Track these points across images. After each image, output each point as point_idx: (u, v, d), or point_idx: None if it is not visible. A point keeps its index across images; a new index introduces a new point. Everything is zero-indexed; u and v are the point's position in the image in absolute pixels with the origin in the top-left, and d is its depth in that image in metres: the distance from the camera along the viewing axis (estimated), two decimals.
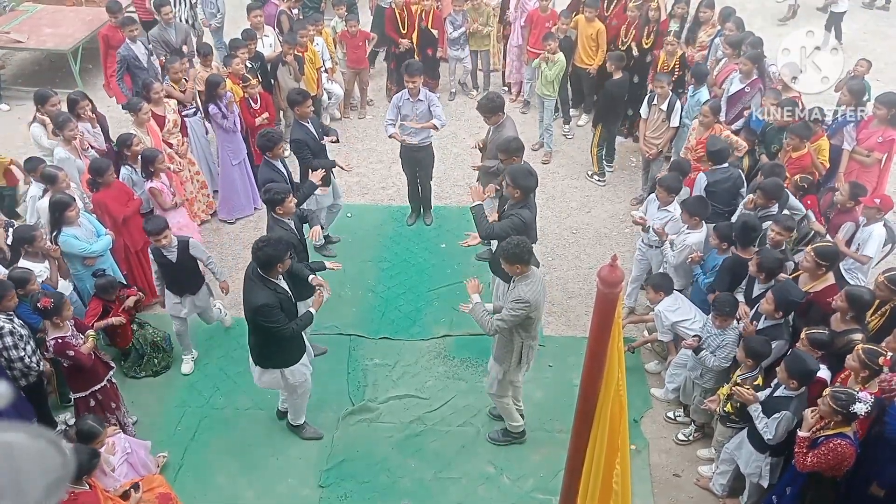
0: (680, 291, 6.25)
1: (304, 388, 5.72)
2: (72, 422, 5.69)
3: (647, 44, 9.07)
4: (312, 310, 5.42)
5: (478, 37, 10.21)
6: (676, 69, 8.39)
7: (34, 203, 6.54)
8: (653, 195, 6.72)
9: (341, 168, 7.37)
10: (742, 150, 7.14)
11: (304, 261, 6.00)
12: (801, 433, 4.52)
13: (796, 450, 4.52)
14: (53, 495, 0.57)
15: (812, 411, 4.52)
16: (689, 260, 6.07)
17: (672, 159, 7.60)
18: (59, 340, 5.23)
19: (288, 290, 5.32)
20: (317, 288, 5.58)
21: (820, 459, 4.39)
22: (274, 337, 5.23)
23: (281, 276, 5.25)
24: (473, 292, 5.30)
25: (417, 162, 7.91)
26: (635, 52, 9.11)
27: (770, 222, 5.89)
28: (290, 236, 5.71)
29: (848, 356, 4.71)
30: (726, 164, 6.71)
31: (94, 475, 4.51)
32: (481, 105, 7.00)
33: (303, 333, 5.59)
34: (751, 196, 6.27)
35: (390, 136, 7.72)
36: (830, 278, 5.44)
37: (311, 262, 6.10)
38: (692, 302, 6.12)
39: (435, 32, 10.13)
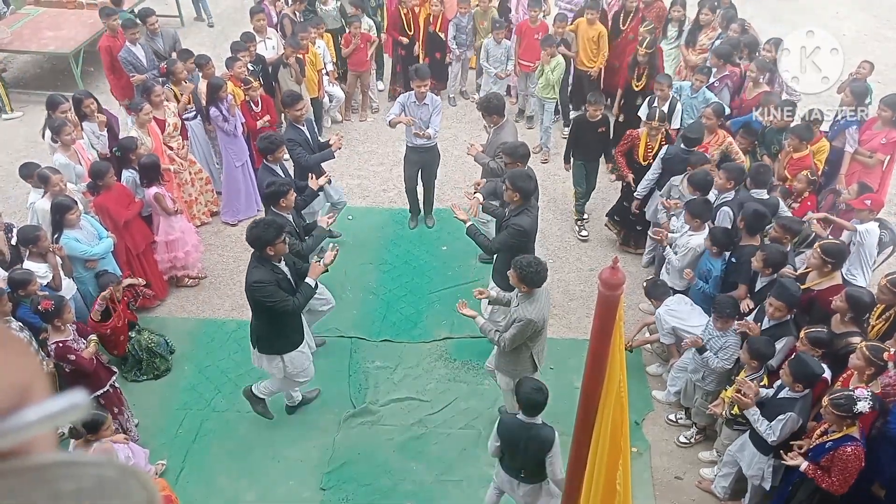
0: (684, 293, 6.25)
1: (305, 378, 5.74)
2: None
3: (637, 87, 8.42)
4: (310, 280, 5.39)
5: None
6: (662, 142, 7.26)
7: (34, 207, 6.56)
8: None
9: (335, 146, 7.33)
10: (742, 160, 7.16)
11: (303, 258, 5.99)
12: (801, 467, 4.54)
13: (814, 479, 4.49)
14: None
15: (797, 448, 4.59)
16: (686, 274, 6.08)
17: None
18: (60, 345, 5.22)
19: (287, 273, 5.33)
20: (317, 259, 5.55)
21: (845, 475, 4.35)
22: (273, 320, 5.25)
23: (282, 261, 5.27)
24: (471, 315, 5.36)
25: (423, 163, 7.91)
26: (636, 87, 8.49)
27: (726, 208, 6.20)
28: (280, 221, 5.70)
29: (852, 356, 4.71)
30: (693, 149, 6.80)
31: None
32: (481, 104, 7.08)
33: (304, 324, 5.58)
34: (717, 179, 6.39)
35: (391, 123, 7.61)
36: (837, 278, 5.46)
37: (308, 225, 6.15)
38: (694, 301, 6.12)
39: (442, 36, 10.14)
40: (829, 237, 6.26)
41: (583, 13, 9.42)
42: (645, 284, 6.43)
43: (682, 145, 6.85)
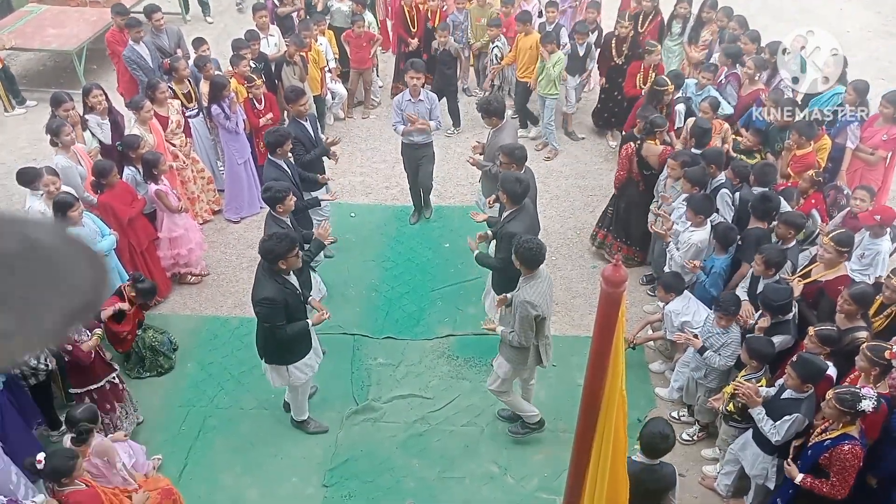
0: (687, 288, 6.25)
1: (303, 388, 5.75)
2: None
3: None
4: (309, 322, 5.42)
5: (479, 38, 10.20)
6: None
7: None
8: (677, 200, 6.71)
9: (333, 157, 7.43)
10: (728, 143, 7.26)
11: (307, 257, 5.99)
12: (797, 480, 4.54)
13: (812, 489, 4.49)
14: (72, 322, 0.45)
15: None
16: (692, 266, 6.06)
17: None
18: None
19: (297, 286, 5.34)
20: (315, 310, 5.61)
21: (844, 475, 4.34)
22: (274, 333, 5.26)
23: (292, 273, 5.26)
24: (501, 305, 5.40)
25: (418, 160, 7.92)
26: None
27: (724, 190, 6.27)
28: (294, 235, 5.73)
29: (857, 357, 4.70)
30: (706, 147, 6.80)
31: (98, 469, 4.52)
32: (481, 106, 7.07)
33: (313, 334, 5.60)
34: (712, 168, 6.42)
35: (403, 133, 7.68)
36: (843, 269, 5.47)
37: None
38: (697, 297, 6.11)
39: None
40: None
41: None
42: (661, 276, 6.38)
43: (695, 145, 6.85)
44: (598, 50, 9.53)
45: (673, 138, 7.51)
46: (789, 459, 4.66)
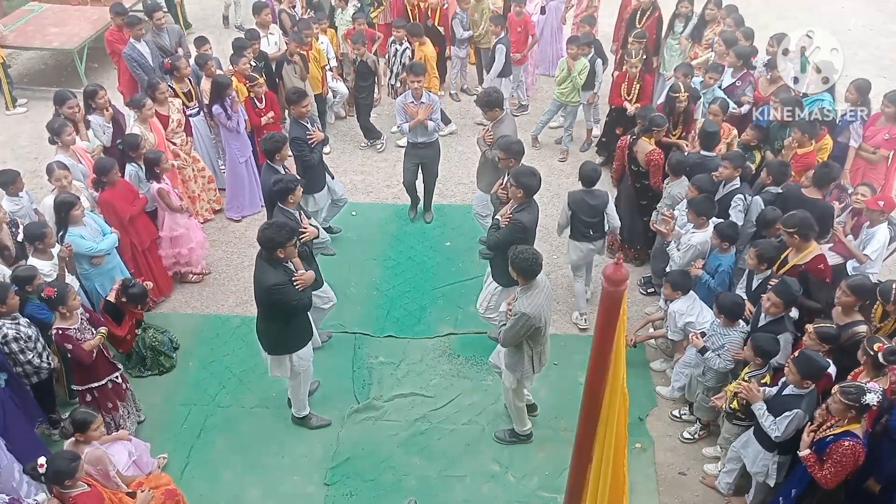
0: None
1: (306, 376, 5.75)
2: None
3: (675, 135, 7.62)
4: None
5: (479, 34, 10.17)
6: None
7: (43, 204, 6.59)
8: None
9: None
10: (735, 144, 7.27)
11: (305, 252, 5.99)
12: (801, 453, 4.55)
13: (809, 467, 4.52)
14: None
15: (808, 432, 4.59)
16: (693, 269, 6.05)
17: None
18: (60, 332, 5.25)
19: (296, 272, 5.35)
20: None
21: (838, 469, 4.36)
22: (287, 318, 5.29)
23: (290, 262, 5.28)
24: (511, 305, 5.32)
25: (423, 158, 7.93)
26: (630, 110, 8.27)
27: (739, 195, 6.32)
28: (293, 225, 5.74)
29: (859, 352, 4.72)
30: (713, 154, 6.82)
31: (93, 477, 4.51)
32: (479, 99, 7.15)
33: (311, 321, 5.62)
34: (722, 168, 6.44)
35: (409, 129, 7.66)
36: (817, 248, 5.56)
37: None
38: (700, 296, 6.10)
39: (441, 30, 10.13)
40: (850, 236, 6.22)
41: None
42: (669, 274, 6.36)
43: (702, 148, 6.85)
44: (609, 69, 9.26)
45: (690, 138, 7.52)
46: (808, 430, 4.64)
